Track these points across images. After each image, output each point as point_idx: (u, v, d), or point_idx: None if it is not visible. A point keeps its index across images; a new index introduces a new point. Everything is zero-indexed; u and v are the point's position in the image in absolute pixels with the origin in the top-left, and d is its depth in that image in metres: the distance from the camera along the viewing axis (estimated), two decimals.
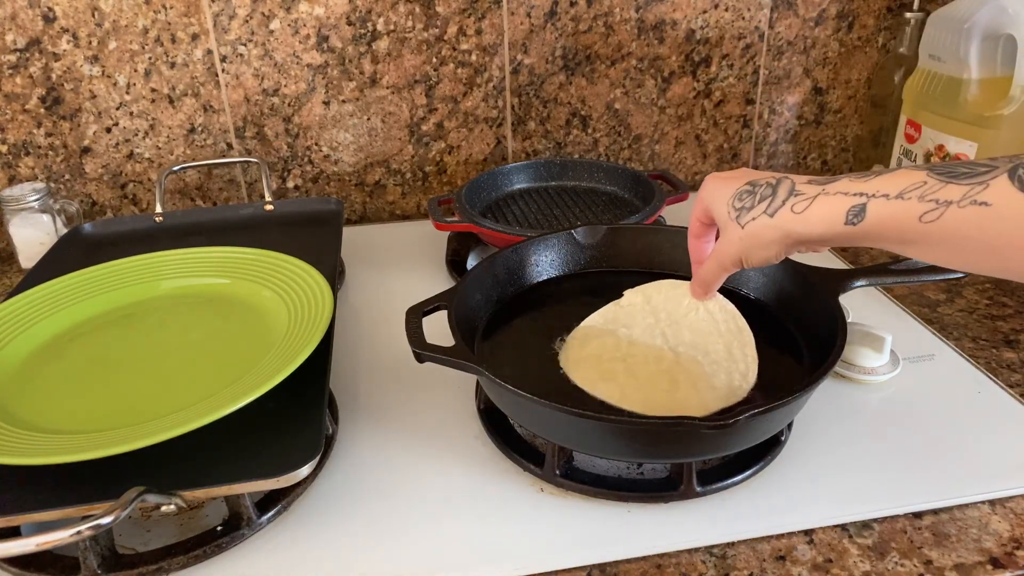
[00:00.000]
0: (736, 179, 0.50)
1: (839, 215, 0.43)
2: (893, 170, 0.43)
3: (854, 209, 0.43)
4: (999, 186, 0.38)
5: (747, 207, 0.48)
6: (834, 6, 1.02)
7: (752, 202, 0.48)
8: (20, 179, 0.92)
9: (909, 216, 0.40)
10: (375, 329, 0.74)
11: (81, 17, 0.86)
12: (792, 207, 0.45)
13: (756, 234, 0.47)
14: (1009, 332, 0.72)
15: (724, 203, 0.50)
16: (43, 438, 0.51)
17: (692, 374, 0.56)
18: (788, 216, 0.46)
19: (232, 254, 0.74)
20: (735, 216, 0.49)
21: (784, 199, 0.46)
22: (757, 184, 0.48)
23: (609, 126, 1.04)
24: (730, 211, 0.49)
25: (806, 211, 0.45)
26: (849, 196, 0.43)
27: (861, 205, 0.42)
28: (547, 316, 0.66)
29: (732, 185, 0.50)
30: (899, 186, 0.41)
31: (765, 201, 0.47)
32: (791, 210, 0.45)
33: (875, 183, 0.42)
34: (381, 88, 0.95)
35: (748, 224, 0.48)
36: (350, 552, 0.49)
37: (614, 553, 0.49)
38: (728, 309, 0.58)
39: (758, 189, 0.48)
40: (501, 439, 0.57)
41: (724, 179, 0.51)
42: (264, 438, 0.52)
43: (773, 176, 0.48)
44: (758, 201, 0.47)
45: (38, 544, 0.42)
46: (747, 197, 0.48)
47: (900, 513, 0.51)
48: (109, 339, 0.65)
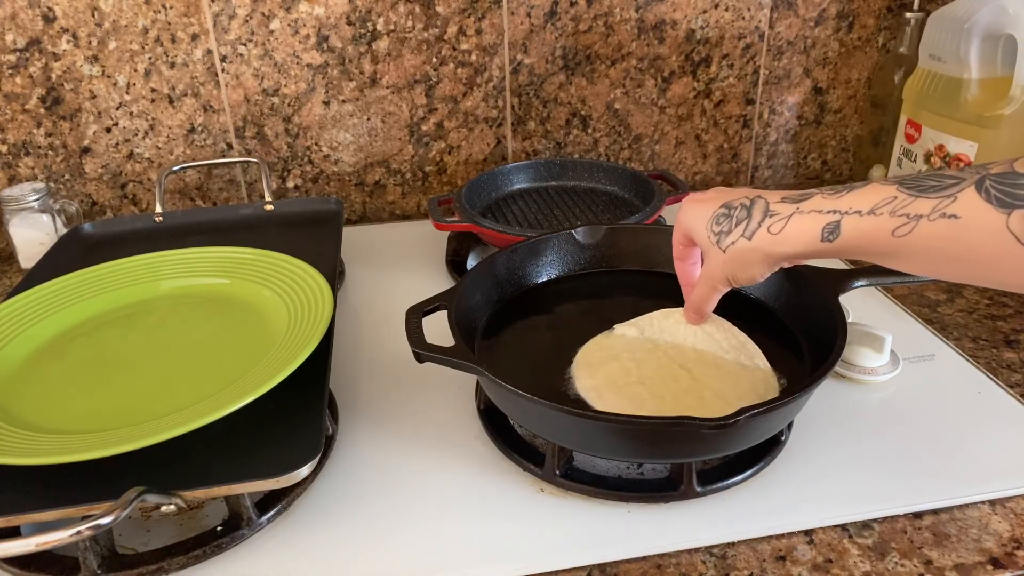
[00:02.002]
0: (712, 200, 0.51)
1: (815, 233, 0.44)
2: (864, 184, 0.44)
3: (829, 226, 0.44)
4: (966, 198, 0.38)
5: (725, 231, 0.49)
6: (834, 6, 1.02)
7: (729, 225, 0.49)
8: (20, 179, 0.92)
9: (882, 231, 0.41)
10: (375, 329, 0.74)
11: (81, 17, 0.86)
12: (768, 228, 0.46)
13: (738, 257, 0.48)
14: (1009, 332, 0.72)
15: (703, 227, 0.51)
16: (43, 438, 0.51)
17: (716, 388, 0.54)
18: (765, 237, 0.47)
19: (232, 254, 0.74)
20: (715, 240, 0.50)
21: (760, 220, 0.47)
22: (732, 206, 0.49)
23: (609, 126, 1.04)
24: (710, 235, 0.50)
25: (782, 231, 0.46)
26: (823, 214, 0.44)
27: (835, 223, 0.43)
28: (547, 316, 0.66)
29: (709, 208, 0.51)
30: (870, 202, 0.42)
31: (742, 224, 0.48)
32: (767, 231, 0.46)
33: (847, 199, 0.43)
34: (381, 88, 0.95)
35: (729, 248, 0.49)
36: (350, 552, 0.49)
37: (614, 553, 0.49)
38: (725, 327, 0.58)
39: (733, 212, 0.49)
40: (501, 439, 0.57)
41: (700, 202, 0.52)
42: (264, 438, 0.52)
43: (747, 196, 0.49)
44: (735, 224, 0.48)
45: (38, 544, 0.42)
46: (724, 221, 0.49)
47: (900, 513, 0.51)
48: (109, 339, 0.65)
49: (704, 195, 0.53)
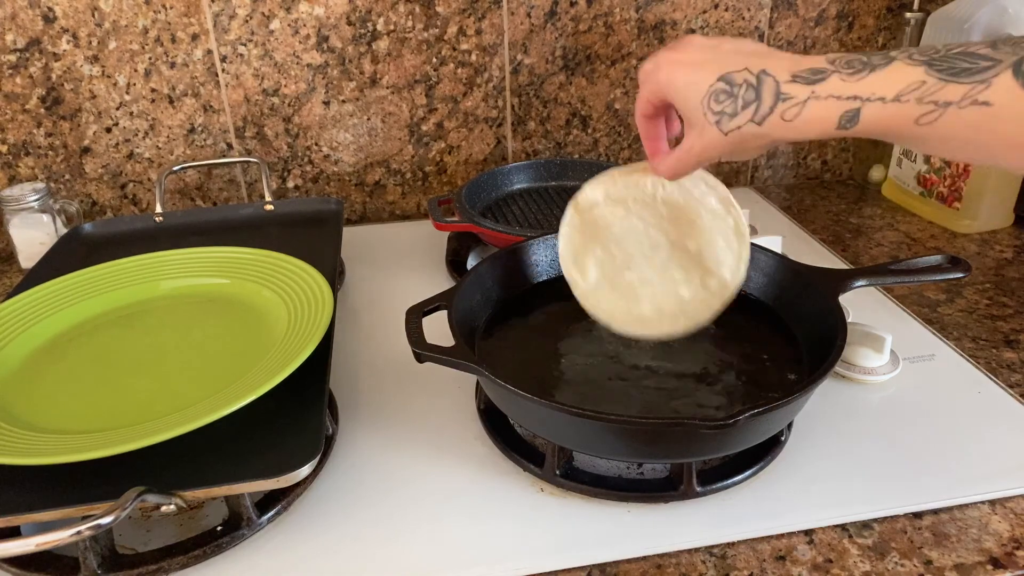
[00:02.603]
0: (704, 67, 0.45)
1: (832, 120, 0.41)
2: (887, 61, 0.40)
3: (848, 114, 0.41)
4: (1002, 84, 0.36)
5: (728, 112, 0.44)
6: (834, 6, 1.02)
7: (734, 107, 0.43)
8: (20, 179, 0.92)
9: (905, 119, 0.39)
10: (375, 329, 0.74)
11: (81, 17, 0.86)
12: (782, 114, 0.42)
13: (741, 140, 0.44)
14: (1009, 332, 0.72)
15: (697, 101, 0.45)
16: (43, 438, 0.51)
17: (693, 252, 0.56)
18: (778, 123, 0.42)
19: (232, 254, 0.74)
20: (714, 120, 0.44)
21: (771, 105, 0.42)
22: (733, 83, 0.43)
23: (609, 126, 1.04)
24: (707, 113, 0.44)
25: (797, 118, 0.42)
26: (842, 100, 0.41)
27: (855, 110, 0.40)
28: (547, 316, 0.66)
29: (703, 78, 0.45)
30: (895, 87, 0.39)
31: (750, 107, 0.43)
32: (781, 117, 0.42)
33: (869, 83, 0.40)
34: (381, 88, 0.95)
35: (732, 131, 0.44)
36: (350, 552, 0.49)
37: (614, 553, 0.49)
38: None
39: (737, 90, 0.43)
40: (501, 439, 0.57)
41: (687, 65, 0.46)
42: (264, 438, 0.52)
43: (749, 69, 0.43)
44: (741, 106, 0.43)
45: (38, 544, 0.42)
46: (726, 100, 0.44)
47: (900, 513, 0.51)
48: (109, 339, 0.65)
49: (689, 55, 0.46)
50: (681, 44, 0.47)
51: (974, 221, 0.91)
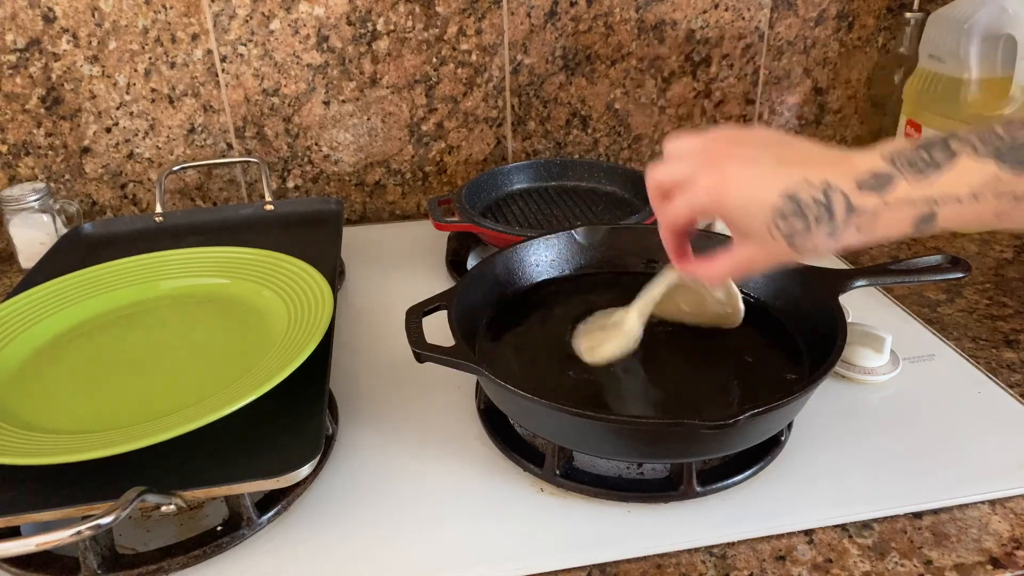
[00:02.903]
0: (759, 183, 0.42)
1: (906, 224, 0.40)
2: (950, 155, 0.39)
3: (923, 217, 0.39)
4: None
5: (800, 230, 0.42)
6: (834, 6, 1.02)
7: (805, 224, 0.41)
8: (20, 179, 0.92)
9: (984, 215, 0.38)
10: (375, 329, 0.74)
11: (81, 17, 0.86)
12: (856, 227, 0.41)
13: (812, 253, 0.43)
14: (1009, 332, 0.72)
15: (762, 223, 0.42)
16: (43, 438, 0.51)
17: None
18: (852, 235, 0.41)
19: (232, 254, 0.74)
20: (785, 239, 0.42)
21: (844, 219, 0.41)
22: (802, 202, 0.41)
23: (609, 126, 1.04)
24: (773, 232, 0.42)
25: (870, 228, 0.41)
26: (915, 205, 0.39)
27: (931, 213, 0.39)
28: (547, 316, 0.66)
29: (763, 197, 0.42)
30: (969, 186, 0.38)
31: (823, 225, 0.41)
32: (855, 229, 0.41)
33: (941, 184, 0.38)
34: (381, 88, 0.95)
35: (805, 248, 0.42)
36: (350, 552, 0.49)
37: (614, 553, 0.49)
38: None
39: (808, 210, 0.41)
40: (501, 439, 0.57)
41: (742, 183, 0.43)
42: (264, 438, 0.52)
43: (809, 179, 0.41)
44: (815, 224, 0.41)
45: (38, 544, 0.42)
46: (796, 219, 0.41)
47: (900, 513, 0.51)
48: (109, 339, 0.65)
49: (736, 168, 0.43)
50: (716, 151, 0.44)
51: None
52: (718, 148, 0.44)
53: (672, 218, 0.47)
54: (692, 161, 0.45)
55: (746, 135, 0.45)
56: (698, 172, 0.44)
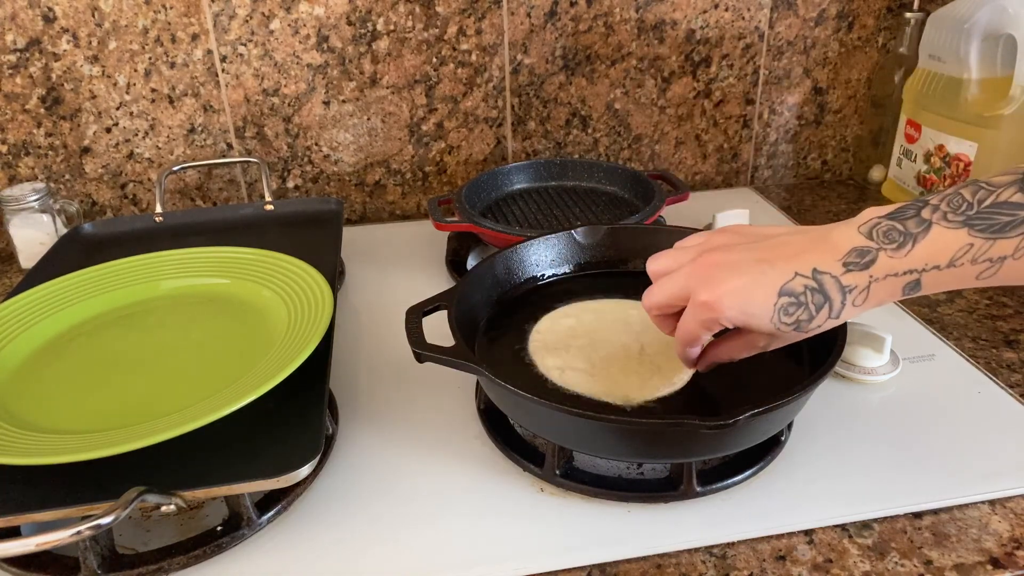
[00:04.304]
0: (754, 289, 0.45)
1: (896, 292, 0.43)
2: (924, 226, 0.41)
3: (908, 285, 0.43)
4: None
5: (805, 319, 0.45)
6: (834, 6, 1.02)
7: (808, 314, 0.44)
8: (20, 179, 0.92)
9: (965, 278, 0.41)
10: (375, 329, 0.74)
11: (81, 17, 0.86)
12: (852, 303, 0.44)
13: (818, 332, 0.46)
14: (1009, 332, 0.72)
15: (767, 322, 0.45)
16: (43, 438, 0.51)
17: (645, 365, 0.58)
18: (850, 310, 0.44)
19: (232, 254, 0.74)
20: (791, 328, 0.45)
21: (841, 300, 0.44)
22: (796, 294, 0.44)
23: (609, 126, 1.04)
24: (780, 326, 0.45)
25: (865, 301, 0.44)
26: (899, 276, 0.42)
27: (915, 281, 0.42)
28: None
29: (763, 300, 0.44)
30: (946, 254, 0.41)
31: (824, 309, 0.44)
32: (852, 305, 0.44)
33: (919, 254, 0.41)
34: (381, 88, 0.95)
35: (813, 331, 0.46)
36: (350, 552, 0.49)
37: (614, 553, 0.49)
38: None
39: (804, 298, 0.44)
40: (501, 439, 0.57)
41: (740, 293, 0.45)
42: (264, 438, 0.52)
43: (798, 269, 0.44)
44: (816, 311, 0.44)
45: (38, 544, 0.42)
46: (797, 310, 0.44)
47: (900, 513, 0.51)
48: (109, 339, 0.65)
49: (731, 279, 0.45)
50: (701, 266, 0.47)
51: None
52: (702, 262, 0.47)
53: (688, 338, 0.49)
54: (681, 280, 0.47)
55: (720, 239, 0.48)
56: (693, 290, 0.46)
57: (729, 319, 0.46)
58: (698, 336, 0.48)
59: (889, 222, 0.43)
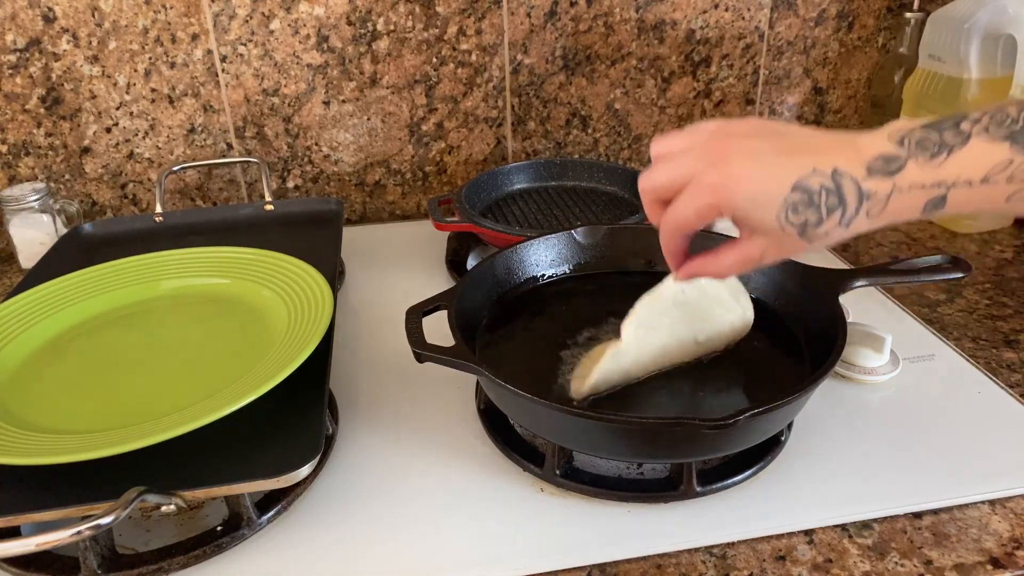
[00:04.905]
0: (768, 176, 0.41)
1: (916, 209, 0.39)
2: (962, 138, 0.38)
3: (933, 201, 0.39)
4: None
5: (813, 222, 0.41)
6: (834, 6, 1.02)
7: (818, 215, 0.40)
8: (20, 179, 0.92)
9: (996, 198, 0.38)
10: (375, 329, 0.74)
11: (81, 17, 0.86)
12: (867, 212, 0.40)
13: (825, 242, 0.42)
14: (1009, 332, 0.72)
15: (773, 217, 0.41)
16: (43, 438, 0.51)
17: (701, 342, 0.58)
18: (864, 222, 0.41)
19: (232, 254, 0.74)
20: (797, 231, 0.41)
21: (856, 207, 0.40)
22: (811, 191, 0.40)
23: (609, 126, 1.04)
24: (785, 226, 0.41)
25: (883, 212, 0.40)
26: (926, 189, 0.39)
27: (941, 196, 0.38)
28: (547, 316, 0.66)
29: (774, 189, 0.41)
30: (981, 169, 0.37)
31: (835, 213, 0.40)
32: (867, 215, 0.40)
33: (952, 167, 0.38)
34: (381, 88, 0.95)
35: (819, 238, 0.41)
36: (350, 552, 0.49)
37: (614, 553, 0.49)
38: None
39: (818, 197, 0.40)
40: (501, 439, 0.57)
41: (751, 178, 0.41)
42: (264, 438, 0.52)
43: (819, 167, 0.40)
44: (827, 213, 0.40)
45: (38, 544, 0.42)
46: (807, 210, 0.40)
47: (900, 513, 0.51)
48: (109, 339, 0.65)
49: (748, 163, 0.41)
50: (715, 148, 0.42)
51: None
52: (716, 144, 0.42)
53: (677, 223, 0.44)
54: (689, 160, 0.43)
55: (739, 126, 0.44)
56: (700, 171, 0.42)
57: (732, 207, 0.41)
58: (691, 223, 0.43)
59: (924, 131, 0.39)
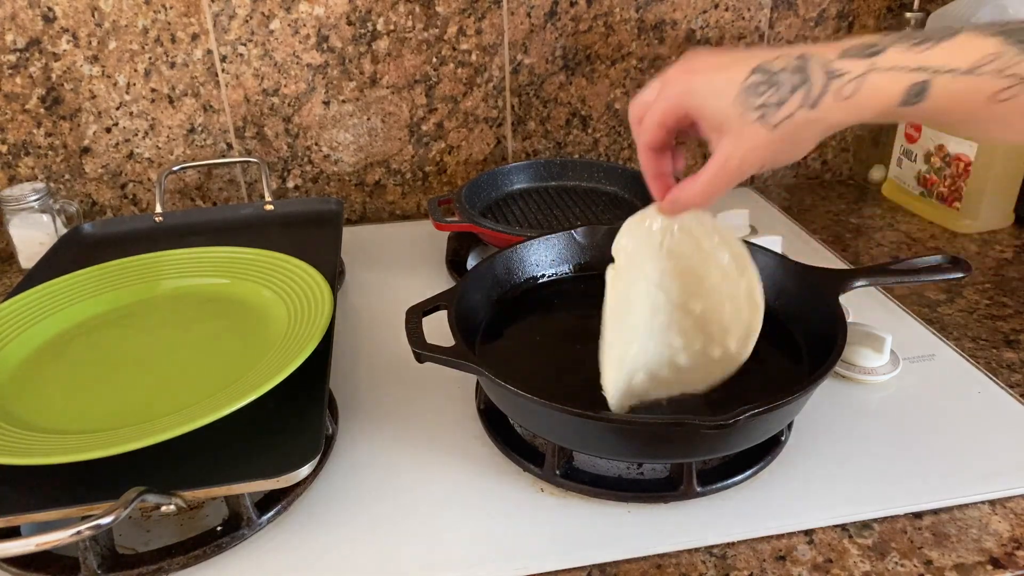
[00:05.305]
0: (727, 68, 0.40)
1: (895, 95, 0.37)
2: (952, 33, 0.37)
3: (915, 88, 0.37)
4: None
5: (774, 103, 0.38)
6: (834, 6, 1.02)
7: (779, 95, 0.38)
8: (20, 179, 0.92)
9: (980, 94, 0.36)
10: (375, 329, 0.74)
11: (81, 17, 0.86)
12: (838, 92, 0.38)
13: (793, 131, 0.39)
14: (1009, 332, 0.72)
15: (730, 101, 0.40)
16: (43, 438, 0.51)
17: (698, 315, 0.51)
18: (833, 104, 0.38)
19: (232, 254, 0.74)
20: (757, 116, 0.39)
21: (824, 84, 0.38)
22: (772, 70, 0.39)
23: (609, 126, 1.04)
24: (745, 111, 0.39)
25: (856, 93, 0.37)
26: (908, 72, 0.36)
27: (923, 82, 0.36)
28: (547, 316, 0.66)
29: (732, 75, 0.40)
30: (970, 58, 0.36)
31: (799, 91, 0.38)
32: (837, 96, 0.38)
33: (938, 53, 0.36)
34: (381, 88, 0.95)
35: (782, 122, 0.39)
36: (350, 552, 0.49)
37: (614, 553, 0.49)
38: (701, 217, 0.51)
39: (779, 76, 0.38)
40: (501, 439, 0.57)
41: (708, 71, 0.41)
42: (264, 438, 0.52)
43: (784, 53, 0.39)
44: (789, 92, 0.38)
45: (38, 544, 0.42)
46: (768, 90, 0.39)
47: (900, 513, 0.51)
48: (109, 339, 0.65)
49: (701, 62, 0.42)
50: (690, 56, 0.43)
51: (974, 221, 0.91)
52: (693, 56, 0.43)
53: (647, 127, 0.44)
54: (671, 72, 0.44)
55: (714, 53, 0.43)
56: (672, 75, 0.43)
57: (692, 95, 0.41)
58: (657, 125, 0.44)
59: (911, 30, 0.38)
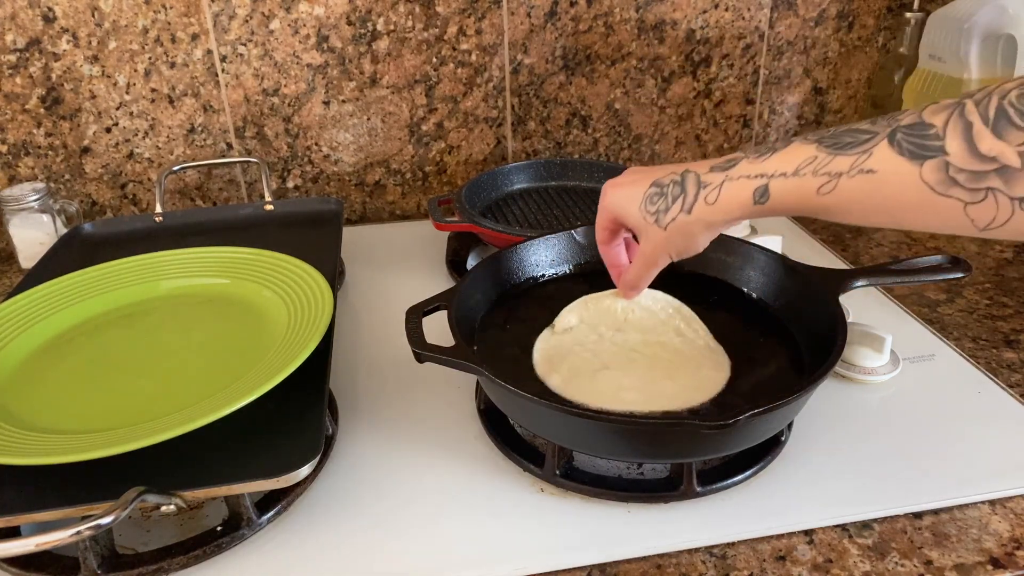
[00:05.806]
0: (637, 183, 0.52)
1: (747, 197, 0.46)
2: (787, 144, 0.45)
3: (759, 190, 0.45)
4: (881, 153, 0.40)
5: (662, 209, 0.50)
6: (834, 6, 1.02)
7: (666, 203, 0.50)
8: (20, 179, 0.92)
9: (808, 190, 0.43)
10: (375, 329, 0.74)
11: (81, 17, 0.86)
12: (705, 199, 0.48)
13: (680, 231, 0.50)
14: (1009, 332, 0.72)
15: (636, 209, 0.52)
16: (43, 438, 0.51)
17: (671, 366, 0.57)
18: (703, 208, 0.48)
19: (232, 254, 0.74)
20: (653, 220, 0.51)
21: (695, 193, 0.49)
22: (663, 184, 0.51)
23: (609, 126, 1.04)
24: (645, 216, 0.51)
25: (718, 200, 0.48)
26: (751, 179, 0.46)
27: (764, 186, 0.45)
28: (547, 316, 0.66)
29: (637, 190, 0.52)
30: (794, 163, 0.44)
31: (678, 200, 0.49)
32: (704, 202, 0.48)
33: (772, 162, 0.45)
34: (381, 88, 0.95)
35: (670, 224, 0.50)
36: (350, 552, 0.49)
37: (614, 553, 0.49)
38: (657, 296, 0.62)
39: (666, 189, 0.50)
40: (501, 439, 0.57)
41: (625, 185, 0.53)
42: (264, 438, 0.52)
43: (674, 171, 0.50)
44: (672, 201, 0.50)
45: (38, 544, 0.42)
46: (658, 199, 0.51)
47: (900, 513, 0.51)
48: (109, 339, 0.65)
49: (624, 178, 0.54)
50: (625, 172, 0.55)
51: None
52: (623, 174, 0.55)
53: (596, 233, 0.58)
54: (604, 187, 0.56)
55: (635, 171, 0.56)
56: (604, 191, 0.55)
57: (612, 206, 0.54)
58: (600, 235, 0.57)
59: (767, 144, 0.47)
